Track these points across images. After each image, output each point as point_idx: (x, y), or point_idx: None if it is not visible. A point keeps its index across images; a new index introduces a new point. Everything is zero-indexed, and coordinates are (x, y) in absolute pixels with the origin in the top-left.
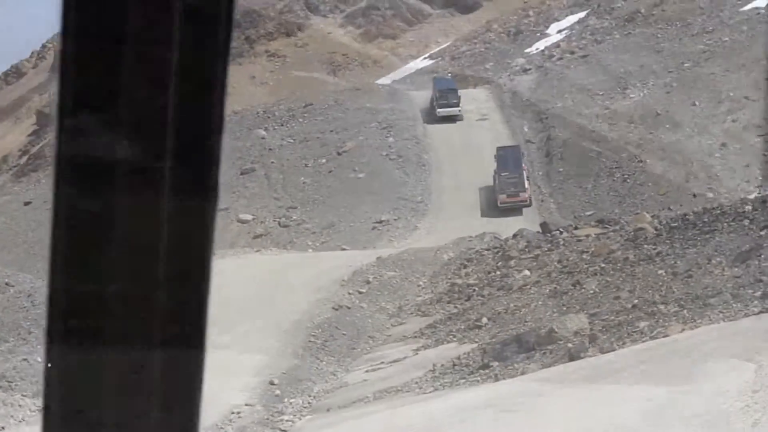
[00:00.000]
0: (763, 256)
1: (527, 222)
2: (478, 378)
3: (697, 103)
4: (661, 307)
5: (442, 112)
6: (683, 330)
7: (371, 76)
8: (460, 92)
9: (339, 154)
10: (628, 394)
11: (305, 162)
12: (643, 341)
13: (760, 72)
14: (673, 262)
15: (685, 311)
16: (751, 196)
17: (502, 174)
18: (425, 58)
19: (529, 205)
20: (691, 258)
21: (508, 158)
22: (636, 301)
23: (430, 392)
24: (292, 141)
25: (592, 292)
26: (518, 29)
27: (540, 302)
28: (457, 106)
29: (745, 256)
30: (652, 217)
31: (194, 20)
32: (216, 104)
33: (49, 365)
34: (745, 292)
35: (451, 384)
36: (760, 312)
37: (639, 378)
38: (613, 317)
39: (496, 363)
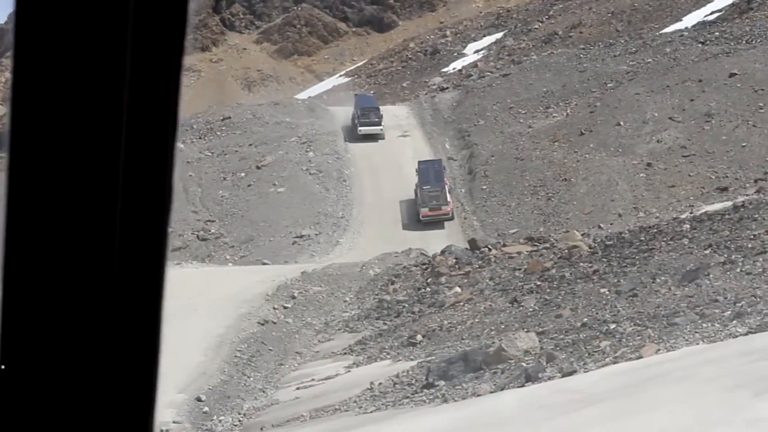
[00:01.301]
0: (711, 276)
1: (450, 235)
2: (424, 398)
3: (621, 123)
4: (613, 326)
5: (363, 130)
6: (658, 351)
7: (286, 92)
8: (381, 109)
9: (258, 168)
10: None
11: (224, 175)
12: (609, 362)
13: (684, 93)
14: (615, 280)
15: (649, 330)
16: (684, 216)
17: (424, 187)
18: (341, 75)
19: (452, 219)
20: (634, 277)
21: (429, 172)
22: (585, 319)
23: (371, 411)
24: (210, 154)
25: (531, 309)
26: (435, 48)
27: (476, 320)
28: (379, 124)
29: (692, 276)
30: (582, 235)
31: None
32: (169, 113)
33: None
34: (711, 312)
35: (394, 403)
36: (749, 332)
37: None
38: (562, 336)
39: (442, 382)
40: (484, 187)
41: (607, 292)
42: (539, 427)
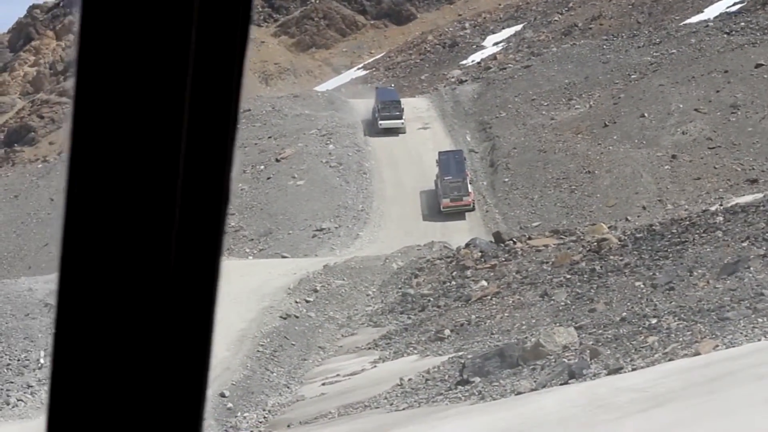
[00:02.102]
0: (752, 269)
1: (472, 228)
2: (459, 395)
3: (645, 114)
4: (654, 321)
5: (384, 124)
6: (716, 347)
7: (304, 85)
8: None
9: (278, 160)
10: None
11: (243, 168)
12: (658, 358)
13: (709, 85)
14: (650, 273)
15: (699, 326)
16: (713, 208)
17: (445, 178)
18: (359, 68)
19: (473, 209)
20: (669, 270)
21: (450, 162)
22: (624, 314)
23: (403, 409)
24: None
25: (562, 303)
26: (454, 41)
27: (506, 314)
28: (400, 118)
29: (731, 269)
30: (609, 228)
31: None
32: (231, 106)
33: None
34: (764, 306)
35: (427, 400)
36: None
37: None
38: (601, 331)
39: (478, 378)
40: (506, 179)
41: (643, 286)
42: (610, 428)
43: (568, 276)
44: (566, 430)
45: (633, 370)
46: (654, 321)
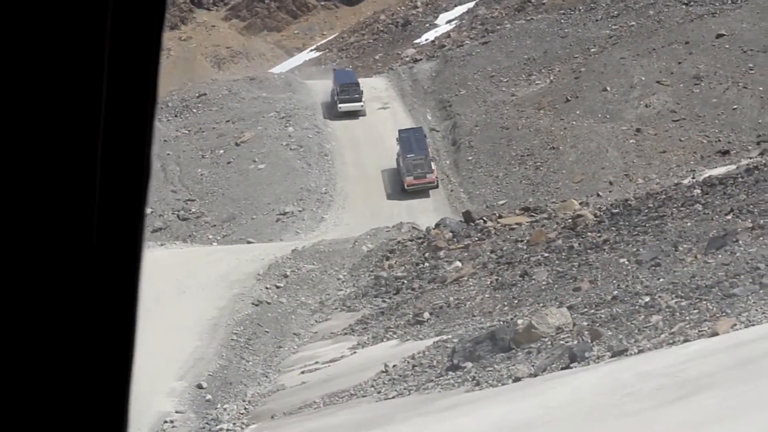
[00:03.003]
0: (741, 242)
1: (438, 208)
2: (451, 381)
3: (608, 88)
4: (647, 298)
5: (344, 107)
6: (734, 326)
7: (256, 69)
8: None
9: (237, 144)
10: None
11: (202, 153)
12: (666, 338)
13: (670, 56)
14: (634, 249)
15: (705, 303)
16: (686, 181)
17: (408, 156)
18: (312, 50)
19: (437, 187)
20: (653, 245)
21: (411, 140)
22: (616, 292)
23: (393, 397)
24: (187, 132)
25: (544, 283)
26: (406, 20)
27: (486, 295)
28: (360, 101)
29: (719, 243)
30: (580, 204)
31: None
32: (149, 88)
33: None
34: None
35: (417, 388)
36: None
37: None
38: (593, 310)
39: (470, 364)
40: (470, 158)
41: (627, 262)
42: (648, 420)
43: (546, 254)
44: (601, 423)
45: (639, 351)
46: (647, 299)
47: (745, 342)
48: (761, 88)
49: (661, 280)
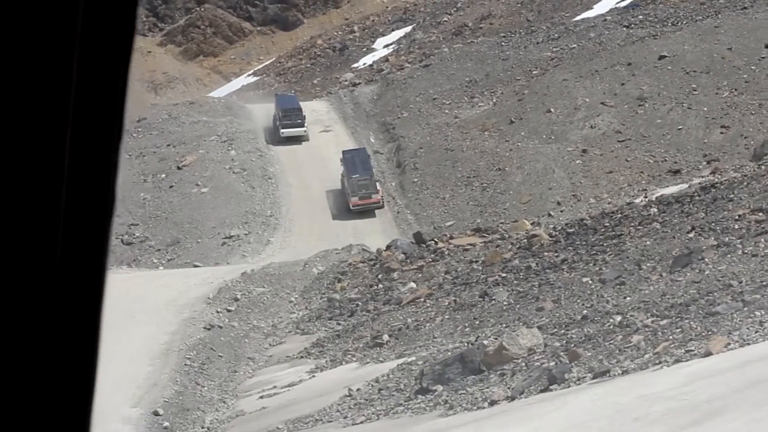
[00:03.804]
0: (707, 260)
1: (385, 230)
2: (422, 405)
3: (552, 110)
4: (618, 318)
5: (286, 132)
6: (728, 346)
7: (193, 94)
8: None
9: (179, 168)
10: None
11: (144, 177)
12: (651, 358)
13: (613, 78)
14: (597, 269)
15: (689, 322)
16: (638, 200)
17: (352, 176)
18: (249, 75)
19: (382, 206)
20: (615, 264)
21: (355, 160)
22: (585, 312)
23: (361, 422)
24: (128, 156)
25: (506, 303)
26: (344, 44)
27: (446, 316)
28: (303, 125)
29: (684, 261)
30: (531, 224)
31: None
32: (115, 116)
33: None
34: (752, 297)
35: (386, 412)
36: None
37: None
38: (563, 330)
39: (440, 387)
40: (415, 179)
41: (590, 281)
42: None
43: (503, 275)
44: None
45: (624, 372)
46: (619, 318)
47: (748, 362)
48: (705, 109)
49: (628, 299)
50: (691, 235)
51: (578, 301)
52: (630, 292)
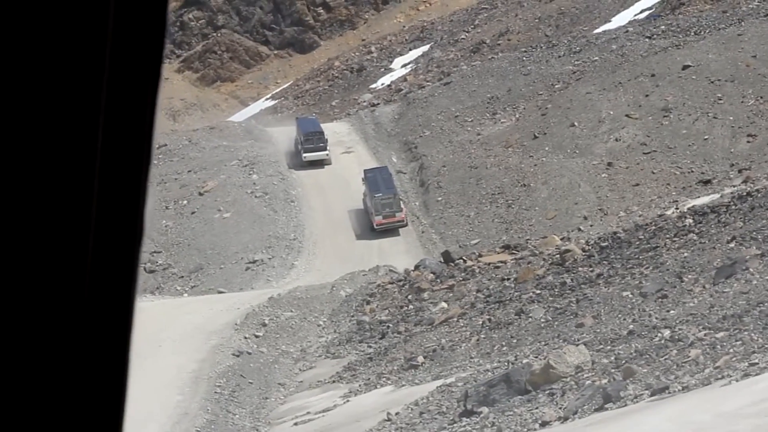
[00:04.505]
0: (751, 269)
1: (409, 251)
2: (468, 428)
3: (576, 123)
4: (666, 332)
5: (308, 156)
6: None
7: (211, 119)
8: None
9: (201, 194)
10: None
11: (165, 204)
12: (713, 373)
13: (637, 89)
14: (636, 282)
15: (748, 334)
16: (669, 212)
17: (376, 195)
18: (267, 99)
19: (406, 225)
20: (656, 277)
21: (378, 179)
22: (631, 326)
23: None
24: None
25: (543, 320)
26: (361, 65)
27: (482, 335)
28: (325, 149)
29: (728, 271)
30: (561, 239)
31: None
32: (143, 145)
33: None
34: None
35: None
36: None
37: None
38: (609, 346)
39: (485, 409)
40: (439, 198)
41: (631, 295)
42: None
43: (538, 291)
44: None
45: (685, 389)
46: (667, 332)
47: None
48: (731, 118)
49: (673, 312)
50: (731, 245)
51: (619, 315)
52: (673, 305)
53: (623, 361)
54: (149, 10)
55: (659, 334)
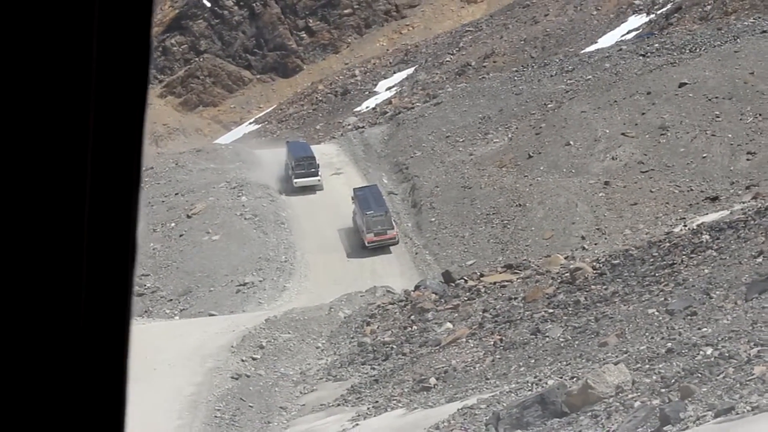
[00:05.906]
0: None
1: (403, 272)
2: None
3: (571, 142)
4: (708, 349)
5: (300, 182)
6: None
7: (194, 144)
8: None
9: (189, 216)
10: None
11: (153, 227)
12: None
13: (633, 108)
14: (661, 299)
15: None
16: (677, 229)
17: (367, 213)
18: (251, 123)
19: (397, 242)
20: (682, 294)
21: (368, 197)
22: (669, 344)
23: None
24: None
25: (562, 339)
26: (345, 89)
27: (496, 356)
28: (317, 174)
29: (761, 287)
30: (565, 258)
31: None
32: (133, 166)
33: None
34: None
35: None
36: None
37: None
38: (648, 365)
39: None
40: (433, 219)
41: (656, 313)
42: None
43: (550, 310)
44: None
45: (755, 409)
46: (709, 350)
47: None
48: (730, 135)
49: (707, 329)
50: (759, 260)
51: (647, 334)
52: (704, 322)
53: (672, 380)
54: (133, 35)
55: (701, 352)
